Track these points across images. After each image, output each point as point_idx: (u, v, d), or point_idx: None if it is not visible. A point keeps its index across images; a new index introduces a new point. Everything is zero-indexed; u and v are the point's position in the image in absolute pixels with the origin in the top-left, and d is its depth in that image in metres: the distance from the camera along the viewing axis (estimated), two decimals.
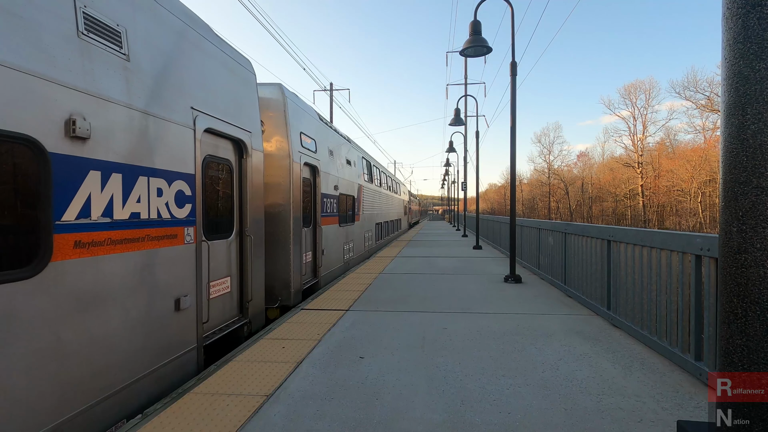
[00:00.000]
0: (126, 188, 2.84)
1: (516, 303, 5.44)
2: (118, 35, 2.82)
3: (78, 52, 2.51)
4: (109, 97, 2.71)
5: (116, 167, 2.75)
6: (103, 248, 2.64)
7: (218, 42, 4.17)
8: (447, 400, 2.71)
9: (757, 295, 1.42)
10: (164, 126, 3.25)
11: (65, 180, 2.39)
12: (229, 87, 4.33)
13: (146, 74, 3.08)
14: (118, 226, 2.77)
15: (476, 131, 14.37)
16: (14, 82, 2.12)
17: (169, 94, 3.33)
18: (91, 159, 2.56)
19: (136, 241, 2.94)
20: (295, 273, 6.00)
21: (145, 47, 3.09)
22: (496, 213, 66.02)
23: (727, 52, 1.51)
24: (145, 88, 3.05)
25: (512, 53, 6.90)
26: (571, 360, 3.38)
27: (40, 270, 2.24)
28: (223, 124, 4.10)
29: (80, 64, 2.52)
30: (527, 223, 8.75)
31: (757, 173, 1.42)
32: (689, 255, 3.14)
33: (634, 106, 51.26)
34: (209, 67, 3.96)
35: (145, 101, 3.04)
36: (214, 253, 4.03)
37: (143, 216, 3.00)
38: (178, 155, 3.42)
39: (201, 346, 3.69)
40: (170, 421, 2.49)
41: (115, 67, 2.78)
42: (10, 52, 2.11)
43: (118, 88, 2.79)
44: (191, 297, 3.55)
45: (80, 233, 2.48)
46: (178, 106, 3.43)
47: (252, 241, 4.66)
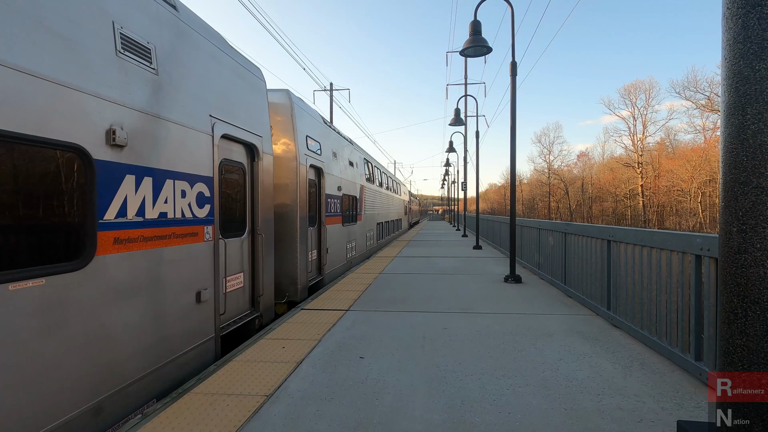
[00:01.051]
0: (156, 190, 3.14)
1: (516, 303, 5.44)
2: (148, 52, 3.12)
3: (116, 69, 2.81)
4: (141, 108, 3.02)
5: (147, 171, 3.06)
6: (136, 244, 2.94)
7: (232, 52, 4.48)
8: (447, 400, 2.71)
9: (757, 295, 1.42)
10: (187, 133, 3.55)
11: (106, 183, 2.69)
12: (242, 94, 4.60)
13: (171, 86, 3.37)
14: (149, 225, 3.07)
15: (476, 131, 14.38)
16: (66, 97, 2.42)
17: (190, 104, 3.62)
18: (127, 164, 2.87)
19: (164, 239, 3.24)
20: (301, 270, 6.26)
21: (170, 61, 3.38)
22: (496, 213, 66.01)
23: (727, 52, 1.51)
24: (170, 99, 3.34)
25: (512, 53, 6.90)
26: (571, 360, 3.38)
27: (87, 263, 2.53)
28: (238, 130, 4.40)
29: (118, 79, 2.83)
30: (527, 223, 8.75)
31: (757, 173, 1.42)
32: (689, 255, 3.14)
33: (634, 106, 51.33)
34: (224, 76, 4.25)
35: (170, 111, 3.33)
36: (229, 250, 4.33)
37: (170, 215, 3.31)
38: (199, 160, 3.72)
39: (218, 336, 3.96)
40: (170, 421, 2.49)
41: (146, 81, 3.09)
42: (64, 72, 2.41)
43: (148, 99, 3.09)
44: (210, 290, 3.84)
45: (119, 231, 2.79)
46: (198, 114, 3.72)
47: (263, 240, 4.93)
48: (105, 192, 2.67)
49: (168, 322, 3.27)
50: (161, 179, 3.20)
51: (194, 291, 3.62)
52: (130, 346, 2.87)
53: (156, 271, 3.15)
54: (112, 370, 2.71)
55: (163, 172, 3.21)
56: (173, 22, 3.47)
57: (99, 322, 2.62)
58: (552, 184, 63.55)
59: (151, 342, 3.07)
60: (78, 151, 2.48)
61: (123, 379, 2.79)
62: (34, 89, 2.26)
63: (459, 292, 6.14)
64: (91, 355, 2.55)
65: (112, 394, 2.69)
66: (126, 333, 2.84)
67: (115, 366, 2.73)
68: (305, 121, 6.71)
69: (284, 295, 6.06)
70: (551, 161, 64.23)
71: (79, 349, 2.47)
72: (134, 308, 2.92)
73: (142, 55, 3.05)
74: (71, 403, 2.40)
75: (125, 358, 2.82)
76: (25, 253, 2.25)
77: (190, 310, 3.55)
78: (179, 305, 3.42)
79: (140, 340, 2.97)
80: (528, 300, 5.63)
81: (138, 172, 2.95)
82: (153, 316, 3.11)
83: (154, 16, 3.24)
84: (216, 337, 3.93)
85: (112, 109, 2.74)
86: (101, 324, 2.64)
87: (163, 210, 3.21)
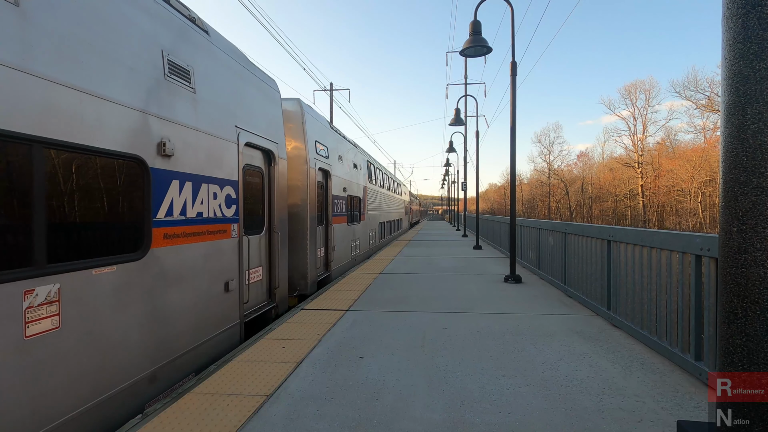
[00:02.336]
0: (194, 193, 3.63)
1: (516, 303, 5.44)
2: (188, 73, 3.60)
3: (165, 90, 3.30)
4: (183, 122, 3.51)
5: (188, 177, 3.55)
6: (180, 239, 3.43)
7: (252, 68, 4.96)
8: (447, 400, 2.71)
9: (757, 295, 1.42)
10: (218, 143, 4.03)
11: (158, 187, 3.18)
12: (260, 105, 5.07)
13: (206, 102, 3.84)
14: (189, 223, 3.56)
15: (476, 131, 14.38)
16: (130, 116, 2.91)
17: (220, 117, 4.11)
18: (173, 171, 3.35)
19: (200, 235, 3.73)
20: (311, 266, 6.75)
21: (204, 80, 3.85)
22: (496, 213, 65.99)
23: (727, 52, 1.51)
24: (205, 113, 3.82)
25: (512, 53, 6.90)
26: (571, 360, 3.38)
27: (145, 254, 3.03)
28: (258, 138, 4.87)
29: (166, 99, 3.30)
30: (527, 223, 8.75)
31: (757, 173, 1.42)
32: (689, 255, 3.14)
33: (634, 106, 51.32)
34: (246, 90, 4.73)
35: (205, 124, 3.81)
36: (251, 246, 4.80)
37: (205, 215, 3.78)
38: (227, 165, 4.17)
39: (242, 322, 4.46)
40: (170, 421, 2.49)
41: (186, 99, 3.57)
42: (129, 95, 2.90)
43: (188, 115, 3.58)
44: (236, 281, 4.32)
45: (167, 228, 3.28)
46: (227, 126, 4.21)
47: (279, 237, 5.42)
48: (157, 195, 3.17)
49: (204, 307, 3.76)
50: (198, 183, 3.69)
51: (223, 281, 4.09)
52: (176, 326, 3.38)
53: (194, 262, 3.64)
54: (164, 345, 3.23)
55: (199, 177, 3.71)
56: (206, 45, 3.96)
57: (153, 303, 3.13)
58: (552, 184, 63.54)
59: (191, 323, 3.57)
60: (138, 160, 2.99)
61: (171, 353, 3.30)
62: (109, 111, 2.74)
63: (459, 292, 6.14)
64: (149, 331, 3.07)
65: (163, 365, 3.20)
66: (173, 314, 3.35)
67: (166, 341, 3.25)
68: (314, 127, 7.18)
69: (295, 288, 6.49)
70: (551, 161, 64.28)
71: (140, 325, 2.98)
72: (179, 294, 3.42)
73: (184, 76, 3.55)
74: (136, 368, 2.94)
75: (173, 335, 3.34)
76: (104, 245, 2.80)
77: (220, 297, 4.04)
78: (212, 293, 3.90)
79: (183, 321, 3.48)
80: (528, 300, 5.63)
81: (181, 177, 3.46)
82: (193, 302, 3.60)
83: (192, 42, 3.73)
84: (240, 323, 4.41)
85: (163, 125, 3.24)
86: (155, 306, 3.14)
87: (199, 210, 3.71)
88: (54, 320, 2.34)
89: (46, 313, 2.30)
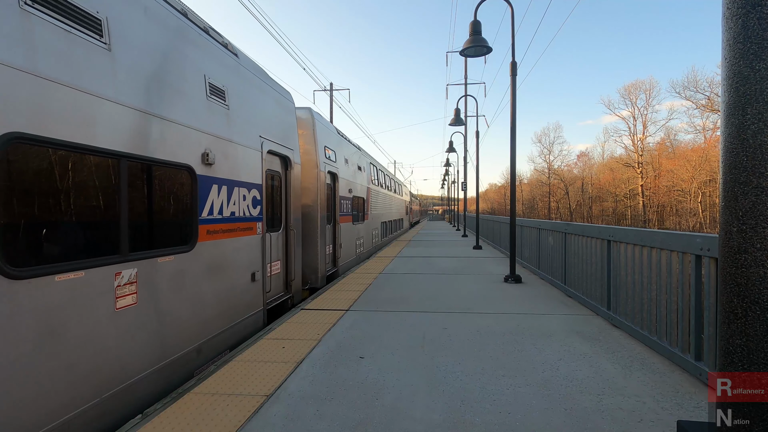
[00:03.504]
0: (228, 195, 4.18)
1: (516, 303, 5.44)
2: (223, 93, 4.15)
3: (206, 109, 3.86)
4: (220, 135, 4.05)
5: (224, 181, 4.10)
6: (218, 235, 4.00)
7: (271, 82, 5.52)
8: (447, 400, 2.71)
9: (757, 295, 1.42)
10: (246, 151, 4.58)
11: (203, 191, 3.75)
12: (279, 116, 5.64)
13: (237, 116, 4.38)
14: (225, 221, 4.12)
15: (476, 131, 14.38)
16: (182, 131, 3.48)
17: (248, 129, 4.65)
18: (213, 177, 3.92)
19: (233, 231, 4.28)
20: (321, 261, 7.31)
21: (235, 97, 4.38)
22: (496, 213, 65.99)
23: (727, 52, 1.51)
24: (236, 126, 4.37)
25: (512, 53, 6.90)
26: (571, 360, 3.38)
27: (193, 247, 3.61)
28: (277, 146, 5.46)
29: (208, 116, 3.87)
30: (527, 223, 8.74)
31: (757, 173, 1.42)
32: (689, 255, 3.14)
33: (634, 106, 51.26)
34: (267, 103, 5.28)
35: (236, 135, 4.36)
36: (272, 242, 5.39)
37: (236, 214, 4.35)
38: (253, 171, 4.73)
39: (265, 309, 5.03)
40: (170, 421, 2.49)
41: (222, 115, 4.12)
42: (182, 115, 3.48)
43: (224, 128, 4.13)
44: (260, 272, 4.90)
45: (209, 225, 3.85)
46: (252, 136, 4.76)
47: (294, 234, 6.01)
48: (202, 197, 3.74)
49: (236, 294, 4.33)
50: (231, 187, 4.24)
51: (251, 272, 4.67)
52: (215, 309, 3.95)
53: (229, 255, 4.19)
54: (207, 324, 3.80)
55: (232, 181, 4.26)
56: (236, 66, 4.51)
57: (200, 289, 3.70)
58: (552, 184, 63.50)
59: (226, 307, 4.12)
60: (189, 169, 3.56)
61: (212, 331, 3.87)
62: (170, 129, 3.31)
63: (459, 292, 6.13)
64: (196, 312, 3.64)
65: (207, 341, 3.79)
66: (213, 299, 3.91)
67: (208, 321, 3.82)
68: (323, 133, 7.79)
69: (307, 282, 7.03)
70: (551, 161, 64.23)
71: (191, 306, 3.56)
72: (218, 281, 3.99)
73: (220, 96, 4.09)
74: (188, 341, 3.53)
75: (213, 316, 3.90)
76: (165, 238, 3.36)
77: (248, 286, 4.61)
78: (242, 282, 4.47)
79: (221, 305, 4.03)
80: (528, 300, 5.63)
81: (219, 182, 4.01)
82: (228, 289, 4.17)
83: (225, 64, 4.28)
84: (264, 309, 4.99)
85: (206, 138, 3.80)
86: (201, 290, 3.71)
87: (232, 210, 4.26)
88: (134, 297, 2.93)
89: (128, 292, 2.88)
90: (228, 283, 4.17)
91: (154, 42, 3.20)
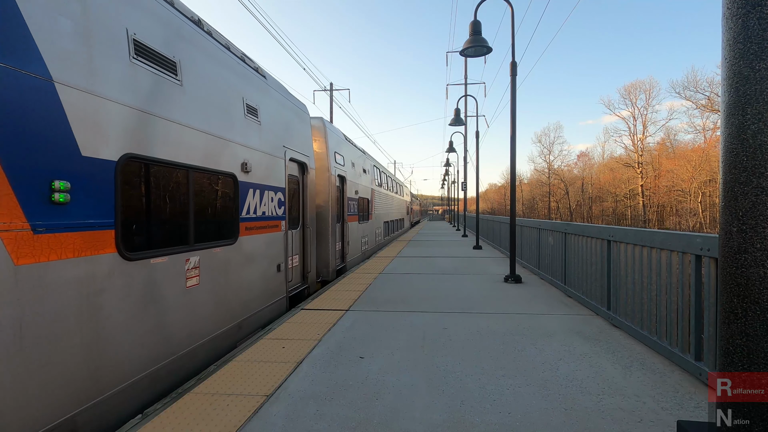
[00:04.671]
0: (260, 197, 4.93)
1: (516, 303, 5.44)
2: (256, 111, 4.88)
3: (244, 125, 4.59)
4: (255, 147, 4.80)
5: (257, 186, 4.85)
6: (253, 231, 4.73)
7: (290, 97, 6.30)
8: (447, 400, 2.71)
9: (757, 295, 1.42)
10: (273, 160, 5.36)
11: (243, 194, 4.50)
12: (297, 126, 6.39)
13: (266, 130, 5.14)
14: (257, 219, 4.86)
15: (476, 131, 14.37)
16: (229, 146, 4.23)
17: (274, 140, 5.41)
18: (250, 182, 4.66)
19: (264, 228, 5.05)
20: (332, 257, 8.08)
21: (265, 114, 5.14)
22: (496, 213, 65.96)
23: (727, 52, 1.51)
24: (266, 139, 5.13)
25: (512, 53, 6.90)
26: (571, 360, 3.38)
27: (236, 240, 4.36)
28: (297, 153, 6.28)
29: (245, 131, 4.60)
30: (527, 223, 8.74)
31: (757, 173, 1.42)
32: (689, 255, 3.14)
33: (634, 106, 51.26)
34: (288, 116, 6.06)
35: (266, 146, 5.13)
36: (292, 238, 6.18)
37: (266, 213, 5.11)
38: (278, 176, 5.51)
39: (287, 296, 5.83)
40: (170, 421, 2.49)
41: (256, 130, 4.87)
42: (228, 132, 4.21)
43: (257, 141, 4.87)
44: (284, 264, 5.68)
45: (247, 222, 4.60)
46: (278, 146, 5.55)
47: (310, 232, 6.86)
48: (242, 199, 4.47)
49: (265, 281, 5.09)
50: (262, 190, 4.99)
51: (276, 263, 5.45)
52: (251, 293, 4.70)
53: (260, 248, 4.93)
54: (245, 305, 4.55)
55: (263, 186, 5.02)
56: (265, 87, 5.25)
57: (240, 275, 4.44)
58: (552, 184, 63.48)
59: (258, 292, 4.89)
60: (232, 177, 4.30)
61: (248, 312, 4.62)
62: (220, 144, 4.05)
63: (459, 292, 6.13)
64: (238, 294, 4.38)
65: (245, 319, 4.55)
66: (250, 285, 4.66)
67: (246, 303, 4.57)
68: (334, 140, 8.58)
69: (320, 275, 7.76)
70: (551, 161, 64.21)
71: (235, 289, 4.31)
72: (253, 270, 4.74)
73: (254, 113, 4.81)
74: (231, 319, 4.24)
75: (249, 299, 4.66)
76: (216, 233, 4.10)
77: (274, 275, 5.39)
78: (270, 272, 5.24)
79: (255, 290, 4.80)
80: (528, 300, 5.63)
81: (253, 186, 4.75)
82: (260, 277, 4.93)
83: (257, 86, 5.02)
84: (286, 296, 5.78)
85: (244, 150, 4.53)
86: (241, 277, 4.45)
87: (263, 210, 5.01)
88: (197, 279, 3.68)
89: (194, 274, 3.63)
90: (260, 272, 4.92)
91: (208, 74, 3.94)
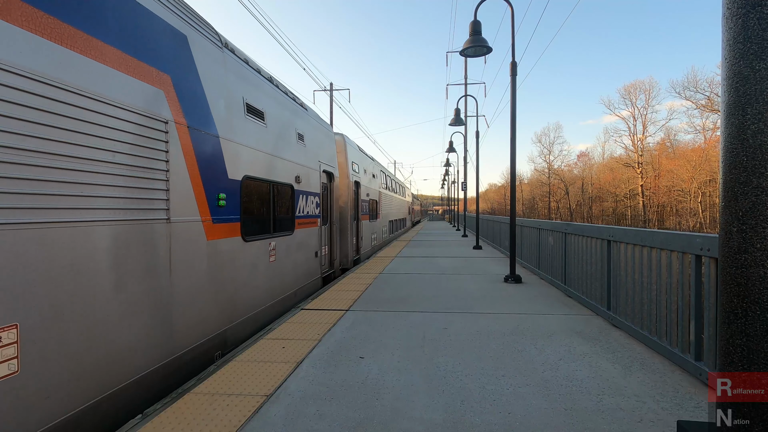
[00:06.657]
0: (306, 201, 6.61)
1: (516, 303, 5.44)
2: (303, 136, 6.58)
3: (297, 147, 6.28)
4: (302, 163, 6.48)
5: (304, 192, 6.53)
6: (302, 225, 6.43)
7: (322, 122, 8.11)
8: (447, 400, 2.71)
9: (757, 295, 1.42)
10: (313, 172, 7.07)
11: (296, 199, 6.20)
12: (326, 143, 8.15)
13: (308, 149, 6.82)
14: (304, 217, 6.55)
15: (476, 131, 14.37)
16: (289, 165, 5.92)
17: (313, 157, 7.12)
18: (300, 190, 6.35)
19: (307, 224, 6.71)
20: (350, 249, 9.98)
21: (307, 138, 6.82)
22: (496, 213, 65.97)
23: (727, 52, 1.51)
24: (308, 156, 6.82)
25: (512, 53, 6.90)
26: (571, 360, 3.38)
27: (293, 233, 6.05)
28: (327, 166, 8.08)
29: (297, 153, 6.27)
30: (527, 223, 8.74)
31: (757, 173, 1.42)
32: (689, 255, 3.14)
33: (634, 106, 51.26)
34: (320, 137, 7.72)
35: (309, 162, 6.84)
36: (324, 232, 7.88)
37: (309, 213, 6.80)
38: (315, 184, 7.18)
39: (321, 277, 7.54)
40: (170, 421, 2.49)
41: (303, 151, 6.56)
42: (288, 155, 5.90)
43: (303, 158, 6.55)
44: (319, 252, 7.39)
45: (298, 219, 6.28)
46: (315, 161, 7.24)
47: (336, 228, 8.91)
48: (296, 202, 6.18)
49: (308, 263, 6.79)
50: (306, 195, 6.65)
51: (314, 251, 7.11)
52: (300, 271, 6.39)
53: (306, 238, 6.64)
54: (297, 279, 6.25)
55: (307, 192, 6.68)
56: (306, 116, 6.90)
57: (294, 257, 6.12)
58: (552, 184, 63.48)
59: (304, 271, 6.58)
60: (290, 186, 5.98)
61: (299, 284, 6.32)
62: (284, 164, 5.73)
63: (459, 292, 6.14)
64: (294, 270, 6.10)
65: (298, 289, 6.23)
66: (299, 265, 6.34)
67: (298, 277, 6.28)
68: (352, 152, 10.45)
69: (341, 263, 9.38)
70: (551, 161, 64.21)
71: (292, 267, 6.01)
72: (301, 254, 6.46)
73: (301, 138, 6.51)
74: (291, 286, 5.96)
75: (300, 275, 6.36)
76: (283, 226, 5.74)
77: (313, 260, 7.05)
78: (311, 256, 6.93)
79: (302, 269, 6.48)
80: (528, 300, 5.63)
81: (302, 193, 6.43)
82: (305, 260, 6.64)
83: (302, 116, 6.66)
84: (320, 277, 7.46)
85: (296, 166, 6.23)
86: (295, 258, 6.13)
87: (307, 210, 6.70)
88: (275, 257, 5.37)
89: (273, 254, 5.32)
90: (305, 256, 6.62)
91: (277, 115, 5.52)
